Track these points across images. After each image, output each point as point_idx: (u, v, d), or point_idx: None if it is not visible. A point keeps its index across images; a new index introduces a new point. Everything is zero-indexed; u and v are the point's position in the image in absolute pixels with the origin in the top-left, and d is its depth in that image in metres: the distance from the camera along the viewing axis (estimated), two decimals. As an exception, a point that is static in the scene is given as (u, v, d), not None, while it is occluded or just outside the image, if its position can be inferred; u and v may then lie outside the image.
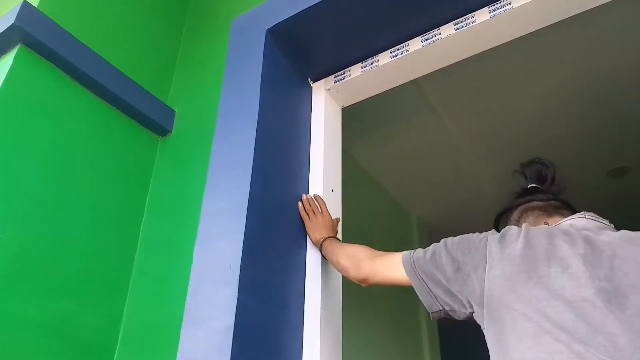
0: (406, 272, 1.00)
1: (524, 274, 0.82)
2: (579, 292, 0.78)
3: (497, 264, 0.86)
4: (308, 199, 1.40)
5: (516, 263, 0.84)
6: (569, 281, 0.79)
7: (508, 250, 0.87)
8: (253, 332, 1.11)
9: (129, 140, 1.50)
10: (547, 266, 0.82)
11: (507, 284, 0.83)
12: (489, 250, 0.89)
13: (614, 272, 0.79)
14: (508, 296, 0.82)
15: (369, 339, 2.35)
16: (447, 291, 0.93)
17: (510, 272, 0.84)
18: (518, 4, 1.33)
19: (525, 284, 0.81)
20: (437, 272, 0.95)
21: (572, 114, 2.41)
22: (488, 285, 0.85)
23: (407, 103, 2.32)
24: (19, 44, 1.26)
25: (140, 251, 1.40)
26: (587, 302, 0.77)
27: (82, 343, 1.22)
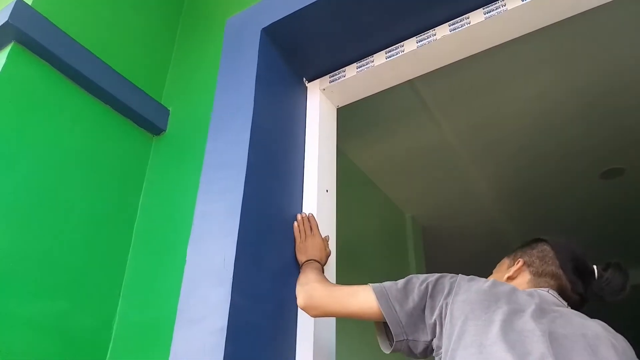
0: (377, 297, 1.03)
1: (485, 302, 0.94)
2: (525, 325, 0.89)
3: (463, 293, 0.97)
4: (303, 218, 1.38)
5: (480, 294, 0.95)
6: (519, 319, 0.90)
7: (475, 285, 0.98)
8: (246, 332, 1.11)
9: (123, 139, 1.49)
10: (506, 304, 0.93)
11: (468, 306, 0.93)
12: (458, 283, 1.00)
13: (552, 325, 0.90)
14: (466, 314, 0.92)
15: (362, 339, 2.35)
16: (413, 323, 0.99)
17: (474, 299, 0.94)
18: (513, 5, 1.33)
19: (485, 309, 0.92)
20: (409, 298, 1.01)
21: (566, 115, 2.42)
22: (451, 307, 0.95)
23: (401, 103, 2.33)
24: (13, 42, 1.26)
25: (134, 251, 1.40)
26: (529, 332, 0.87)
27: (75, 342, 1.22)
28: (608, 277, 1.05)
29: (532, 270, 1.09)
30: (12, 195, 1.17)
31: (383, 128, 2.52)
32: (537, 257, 1.11)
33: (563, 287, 1.06)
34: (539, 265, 1.09)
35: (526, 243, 1.18)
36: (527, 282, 1.08)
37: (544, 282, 1.07)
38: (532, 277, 1.08)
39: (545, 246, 1.12)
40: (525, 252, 1.14)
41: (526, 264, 1.11)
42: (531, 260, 1.11)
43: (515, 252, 1.17)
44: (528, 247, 1.15)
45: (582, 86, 2.25)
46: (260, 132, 1.36)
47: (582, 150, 2.68)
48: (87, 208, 1.33)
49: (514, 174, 2.85)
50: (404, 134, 2.57)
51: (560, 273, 1.07)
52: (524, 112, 2.42)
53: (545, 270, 1.08)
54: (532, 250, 1.13)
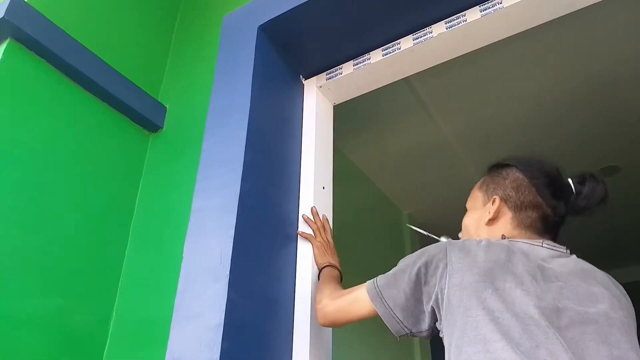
0: (372, 300, 1.01)
1: (481, 284, 0.86)
2: (527, 309, 0.83)
3: (457, 273, 0.90)
4: (315, 214, 1.40)
5: (474, 273, 0.88)
6: (520, 297, 0.84)
7: (468, 259, 0.90)
8: (243, 328, 1.11)
9: (120, 136, 1.49)
10: (503, 280, 0.87)
11: (465, 293, 0.87)
12: (449, 259, 0.92)
13: (559, 302, 0.86)
14: (464, 303, 0.86)
15: (359, 335, 2.36)
16: (411, 314, 0.96)
17: (469, 281, 0.87)
18: (509, 3, 1.33)
19: (482, 294, 0.86)
20: (402, 293, 0.97)
21: (563, 113, 2.43)
22: (447, 292, 0.89)
23: (398, 101, 2.33)
24: (9, 38, 1.25)
25: (131, 247, 1.40)
26: (532, 320, 0.82)
27: (73, 339, 1.22)
28: (587, 192, 1.01)
29: (511, 205, 1.04)
30: (7, 193, 1.17)
31: (380, 125, 2.52)
32: (512, 189, 1.05)
33: (545, 215, 1.01)
34: (517, 198, 1.03)
35: (494, 170, 1.11)
36: (510, 220, 1.03)
37: (525, 216, 1.01)
38: (513, 213, 1.03)
39: (517, 173, 1.06)
40: (497, 184, 1.08)
41: (503, 200, 1.05)
42: (507, 194, 1.05)
43: (487, 183, 1.11)
44: (499, 177, 1.09)
45: (577, 84, 2.26)
46: (256, 129, 1.36)
47: (578, 147, 2.69)
48: (83, 205, 1.33)
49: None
50: (400, 131, 2.57)
51: (539, 201, 1.02)
52: (521, 109, 2.42)
53: (524, 201, 1.02)
54: (504, 182, 1.07)
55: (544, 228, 1.02)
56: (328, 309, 1.13)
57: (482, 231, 1.07)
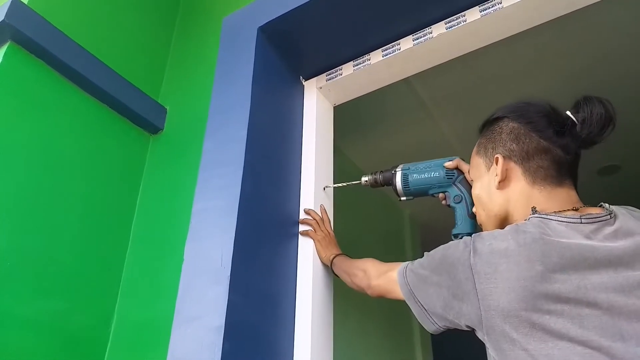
0: (405, 298, 0.97)
1: (523, 313, 0.75)
2: (584, 332, 0.73)
3: (490, 294, 0.79)
4: (312, 211, 1.41)
5: (511, 300, 0.76)
6: (571, 320, 0.73)
7: (500, 278, 0.78)
8: (244, 330, 1.11)
9: (120, 137, 1.49)
10: (546, 302, 0.75)
11: (507, 323, 0.76)
12: (477, 275, 0.81)
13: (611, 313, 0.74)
14: (510, 335, 0.76)
15: (360, 336, 2.36)
16: (444, 317, 0.90)
17: (507, 308, 0.76)
18: (509, 3, 1.33)
19: (526, 323, 0.75)
20: (431, 298, 0.91)
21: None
22: (484, 315, 0.79)
23: (398, 101, 2.33)
24: (9, 41, 1.25)
25: (132, 249, 1.40)
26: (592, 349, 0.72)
27: (74, 341, 1.22)
28: (588, 115, 0.90)
29: (516, 158, 0.93)
30: (8, 194, 1.17)
31: (380, 126, 2.52)
32: (511, 141, 0.95)
33: (558, 158, 0.91)
34: (520, 149, 0.93)
35: (486, 129, 1.02)
36: (522, 176, 0.93)
37: (537, 166, 0.91)
38: (522, 167, 0.93)
39: (511, 123, 0.96)
40: (494, 141, 0.98)
41: (507, 157, 0.95)
42: (508, 149, 0.95)
43: (483, 145, 1.02)
44: (494, 134, 0.99)
45: (577, 83, 2.26)
46: (257, 130, 1.36)
47: (579, 147, 2.69)
48: (84, 207, 1.33)
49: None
50: (401, 132, 2.57)
51: (546, 145, 0.91)
52: (521, 109, 2.42)
53: (529, 150, 0.92)
54: (500, 136, 0.97)
55: (561, 174, 0.91)
56: (374, 282, 1.11)
57: (496, 197, 0.96)
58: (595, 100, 0.91)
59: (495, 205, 0.97)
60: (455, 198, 1.19)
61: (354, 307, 2.26)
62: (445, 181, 1.21)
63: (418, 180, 1.25)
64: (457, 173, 1.21)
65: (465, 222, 1.16)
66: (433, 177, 1.23)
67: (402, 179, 1.28)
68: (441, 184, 1.22)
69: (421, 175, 1.25)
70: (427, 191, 1.25)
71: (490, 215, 0.98)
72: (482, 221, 1.03)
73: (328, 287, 1.37)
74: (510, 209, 0.94)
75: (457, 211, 1.18)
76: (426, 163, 1.27)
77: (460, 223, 1.16)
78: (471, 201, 1.14)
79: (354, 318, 2.28)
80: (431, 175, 1.23)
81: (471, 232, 1.12)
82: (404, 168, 1.30)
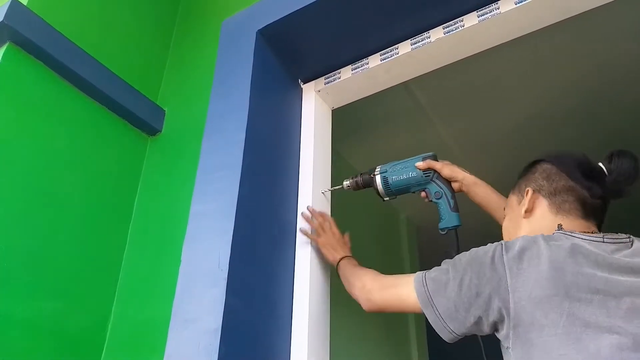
0: (422, 306, 0.98)
1: (555, 298, 0.81)
2: (610, 320, 0.79)
3: (522, 286, 0.85)
4: (314, 212, 1.40)
5: (544, 287, 0.83)
6: (599, 309, 0.80)
7: (533, 271, 0.85)
8: (241, 332, 1.11)
9: (118, 139, 1.49)
10: (577, 290, 0.82)
11: (538, 309, 0.82)
12: (509, 269, 0.87)
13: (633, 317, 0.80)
14: (539, 320, 0.82)
15: (357, 338, 2.36)
16: (462, 324, 0.92)
17: (540, 295, 0.82)
18: (506, 8, 1.34)
19: (557, 309, 0.81)
20: (451, 302, 0.93)
21: (561, 117, 2.44)
22: (514, 307, 0.84)
23: (396, 105, 2.33)
24: (8, 42, 1.25)
25: (129, 251, 1.40)
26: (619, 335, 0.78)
27: (70, 342, 1.22)
28: (616, 167, 0.97)
29: (544, 193, 1.02)
30: (6, 195, 1.17)
31: (378, 129, 2.53)
32: (542, 179, 1.03)
33: (583, 198, 0.98)
34: (549, 186, 1.01)
35: (524, 171, 1.10)
36: (547, 208, 1.00)
37: (562, 201, 0.99)
38: (549, 200, 1.00)
39: (545, 165, 1.05)
40: (528, 179, 1.06)
41: (536, 191, 1.03)
42: (538, 185, 1.03)
43: (518, 184, 1.09)
44: (528, 174, 1.08)
45: (575, 88, 2.27)
46: (255, 133, 1.36)
47: (578, 150, 2.69)
48: (82, 208, 1.33)
49: (508, 176, 2.85)
50: (399, 136, 2.57)
51: (572, 184, 0.99)
52: (518, 114, 2.43)
53: (556, 187, 1.00)
54: (534, 175, 1.06)
55: (586, 212, 0.98)
56: (375, 296, 1.11)
57: (523, 225, 1.03)
58: (629, 154, 0.98)
59: (519, 233, 1.02)
60: (435, 194, 1.26)
61: (351, 310, 2.25)
62: (424, 180, 1.28)
63: (398, 182, 1.31)
64: (433, 170, 1.28)
65: (450, 216, 1.24)
66: (411, 177, 1.30)
67: (383, 182, 1.33)
68: (420, 183, 1.29)
69: (400, 176, 1.31)
70: (408, 190, 1.32)
71: None
72: None
73: (325, 290, 1.38)
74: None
75: (440, 206, 1.25)
76: (402, 163, 1.32)
77: (445, 217, 1.24)
78: (451, 195, 1.24)
79: (351, 321, 2.28)
80: (409, 175, 1.30)
81: (457, 225, 1.22)
82: (381, 171, 1.34)
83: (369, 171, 1.37)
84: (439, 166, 1.28)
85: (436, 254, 1.70)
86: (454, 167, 1.30)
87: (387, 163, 1.35)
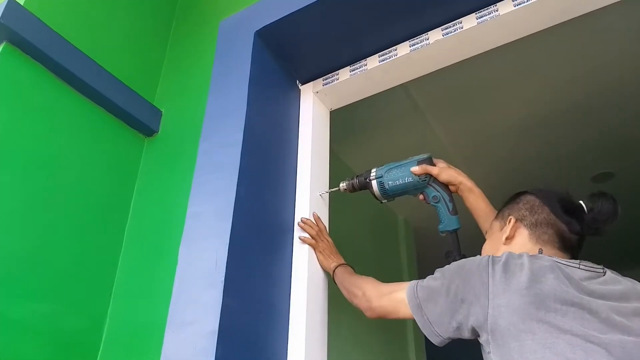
0: (412, 312, 1.04)
1: (532, 306, 0.86)
2: (585, 330, 0.83)
3: (503, 293, 0.89)
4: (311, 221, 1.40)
5: (523, 295, 0.87)
6: (574, 320, 0.84)
7: (514, 280, 0.90)
8: (238, 334, 1.11)
9: (115, 140, 1.49)
10: (554, 301, 0.86)
11: (515, 315, 0.86)
12: (492, 278, 0.92)
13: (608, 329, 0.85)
14: (516, 326, 0.86)
15: (355, 339, 2.36)
16: (447, 328, 0.98)
17: (518, 303, 0.87)
18: (505, 10, 1.34)
19: (534, 316, 0.85)
20: (439, 307, 0.98)
21: (558, 119, 2.44)
22: (493, 313, 0.89)
23: (395, 107, 2.34)
24: (5, 42, 1.25)
25: (125, 252, 1.40)
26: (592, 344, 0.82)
27: (65, 344, 1.21)
28: (597, 207, 1.04)
29: (526, 223, 1.08)
30: (2, 196, 1.16)
31: (376, 131, 2.53)
32: (525, 210, 1.09)
33: (561, 232, 1.04)
34: (531, 217, 1.08)
35: (509, 200, 1.16)
36: (527, 237, 1.06)
37: (542, 232, 1.05)
38: (529, 231, 1.06)
39: (529, 196, 1.11)
40: (512, 208, 1.12)
41: (518, 220, 1.09)
42: (521, 215, 1.09)
43: (502, 211, 1.15)
44: (513, 203, 1.13)
45: (572, 90, 2.27)
46: (253, 134, 1.36)
47: (573, 154, 2.71)
48: (78, 209, 1.33)
49: (506, 178, 2.87)
50: (396, 137, 2.58)
51: (553, 218, 1.05)
52: (516, 115, 2.43)
53: (538, 219, 1.06)
54: (518, 205, 1.12)
55: (563, 245, 1.04)
56: (375, 304, 1.15)
57: (502, 250, 1.06)
58: (609, 197, 1.05)
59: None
60: (433, 198, 1.27)
61: (348, 313, 2.25)
62: (421, 184, 1.29)
63: (394, 187, 1.31)
64: (430, 174, 1.28)
65: (449, 219, 1.25)
66: (408, 182, 1.29)
67: (379, 187, 1.33)
68: (417, 187, 1.29)
69: (396, 182, 1.31)
70: (405, 194, 1.32)
71: None
72: None
73: (323, 292, 1.37)
74: None
75: (439, 210, 1.26)
76: (398, 167, 1.31)
77: (445, 220, 1.25)
78: (450, 198, 1.25)
79: (348, 324, 2.28)
80: (406, 180, 1.30)
81: (456, 228, 1.23)
82: (377, 175, 1.34)
83: (364, 174, 1.37)
84: (436, 171, 1.29)
85: (434, 255, 1.70)
86: (452, 172, 1.30)
87: (383, 166, 1.35)
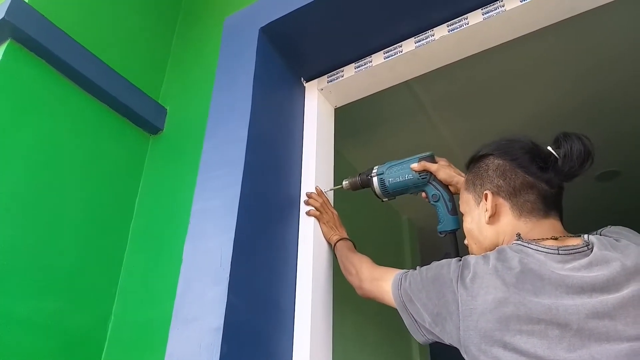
0: (398, 310, 1.04)
1: (498, 332, 0.82)
2: (550, 352, 0.78)
3: (470, 315, 0.86)
4: (314, 194, 1.43)
5: (488, 320, 0.83)
6: (540, 340, 0.79)
7: (480, 300, 0.86)
8: (242, 331, 1.10)
9: (120, 137, 1.49)
10: (518, 322, 0.81)
11: (483, 342, 0.83)
12: (460, 296, 0.88)
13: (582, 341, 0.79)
14: (485, 352, 0.83)
15: (360, 338, 2.35)
16: (431, 332, 0.97)
17: (485, 329, 0.83)
18: (511, 6, 1.33)
19: (500, 342, 0.81)
20: (421, 310, 0.97)
21: (563, 117, 2.43)
22: (464, 335, 0.86)
23: (399, 104, 2.33)
24: (9, 39, 1.25)
25: (130, 249, 1.40)
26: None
27: (71, 341, 1.21)
28: (568, 152, 0.94)
29: (504, 194, 0.98)
30: (7, 194, 1.16)
31: (380, 128, 2.52)
32: (498, 178, 0.99)
33: (543, 192, 0.95)
34: (507, 185, 0.98)
35: (473, 166, 1.07)
36: (510, 213, 0.97)
37: (524, 201, 0.95)
38: (510, 202, 0.97)
39: (497, 160, 1.01)
40: (482, 178, 1.02)
41: (495, 193, 0.99)
42: (496, 185, 0.99)
43: (472, 182, 1.05)
44: (481, 171, 1.03)
45: (579, 87, 2.26)
46: (257, 131, 1.35)
47: (578, 152, 2.69)
48: (83, 207, 1.33)
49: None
50: (401, 135, 2.57)
51: (531, 180, 0.96)
52: (521, 113, 2.42)
53: (515, 186, 0.97)
54: (487, 173, 1.01)
55: (547, 206, 0.96)
56: (365, 286, 1.17)
57: (487, 231, 1.01)
58: (574, 136, 0.95)
59: (486, 239, 1.01)
60: (433, 197, 1.25)
61: (352, 310, 2.25)
62: (421, 182, 1.28)
63: (395, 184, 1.31)
64: (430, 172, 1.27)
65: (448, 219, 1.23)
66: (408, 179, 1.29)
67: (380, 184, 1.33)
68: (417, 185, 1.28)
69: (397, 179, 1.30)
70: (406, 192, 1.32)
71: (482, 248, 1.03)
72: (474, 252, 1.06)
73: (328, 289, 1.37)
74: (499, 241, 0.99)
75: (438, 209, 1.24)
76: (399, 164, 1.31)
77: (444, 220, 1.23)
78: (449, 198, 1.23)
79: (352, 320, 2.27)
80: (406, 177, 1.29)
81: (455, 229, 1.20)
82: (378, 172, 1.34)
83: (366, 171, 1.37)
84: (435, 168, 1.26)
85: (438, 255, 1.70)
86: (450, 170, 1.26)
87: (385, 163, 1.34)
